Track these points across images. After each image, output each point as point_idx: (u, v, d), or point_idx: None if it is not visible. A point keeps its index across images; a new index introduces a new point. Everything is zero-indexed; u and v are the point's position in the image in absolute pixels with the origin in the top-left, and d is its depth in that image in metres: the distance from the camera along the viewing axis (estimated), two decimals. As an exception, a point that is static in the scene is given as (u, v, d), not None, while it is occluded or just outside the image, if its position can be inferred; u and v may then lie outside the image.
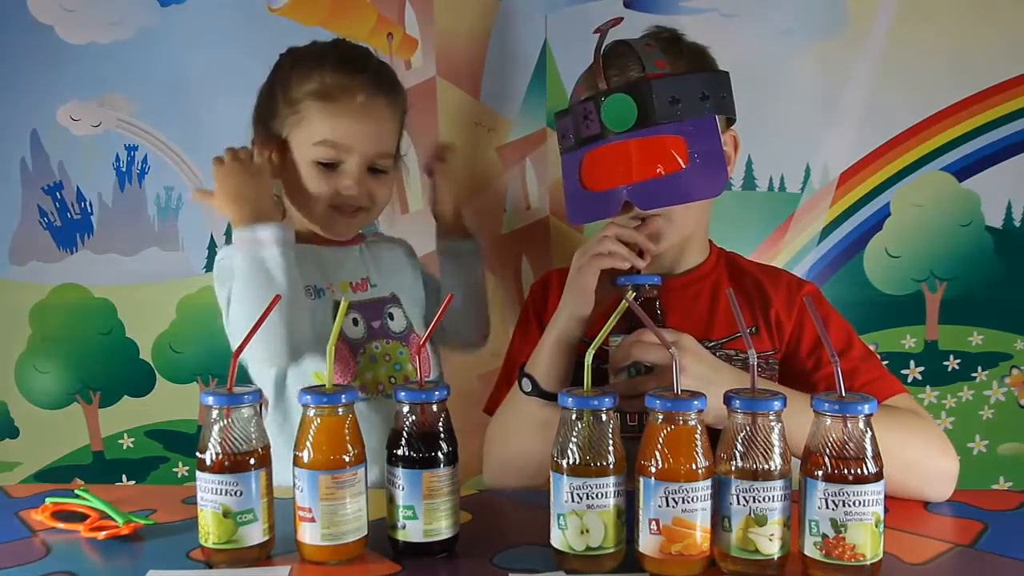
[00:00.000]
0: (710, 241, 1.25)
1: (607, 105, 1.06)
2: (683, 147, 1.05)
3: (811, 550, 0.79)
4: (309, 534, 0.84)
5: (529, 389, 1.06)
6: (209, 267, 1.55)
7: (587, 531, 0.80)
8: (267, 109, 1.23)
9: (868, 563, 0.78)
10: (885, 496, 0.78)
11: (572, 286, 1.07)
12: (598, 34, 1.11)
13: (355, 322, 1.21)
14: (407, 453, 0.85)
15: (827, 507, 0.77)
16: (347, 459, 0.84)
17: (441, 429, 0.86)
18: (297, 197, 1.22)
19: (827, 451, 0.78)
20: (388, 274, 1.30)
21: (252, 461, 0.84)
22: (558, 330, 1.07)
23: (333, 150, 1.17)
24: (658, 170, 1.06)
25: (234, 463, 0.83)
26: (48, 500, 0.99)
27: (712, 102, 1.07)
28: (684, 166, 1.05)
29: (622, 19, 1.12)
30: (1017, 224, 1.50)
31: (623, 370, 0.98)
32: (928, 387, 1.53)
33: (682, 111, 1.05)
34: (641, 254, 1.06)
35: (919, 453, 1.00)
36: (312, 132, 1.17)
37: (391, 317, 1.26)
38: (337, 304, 1.18)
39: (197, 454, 0.85)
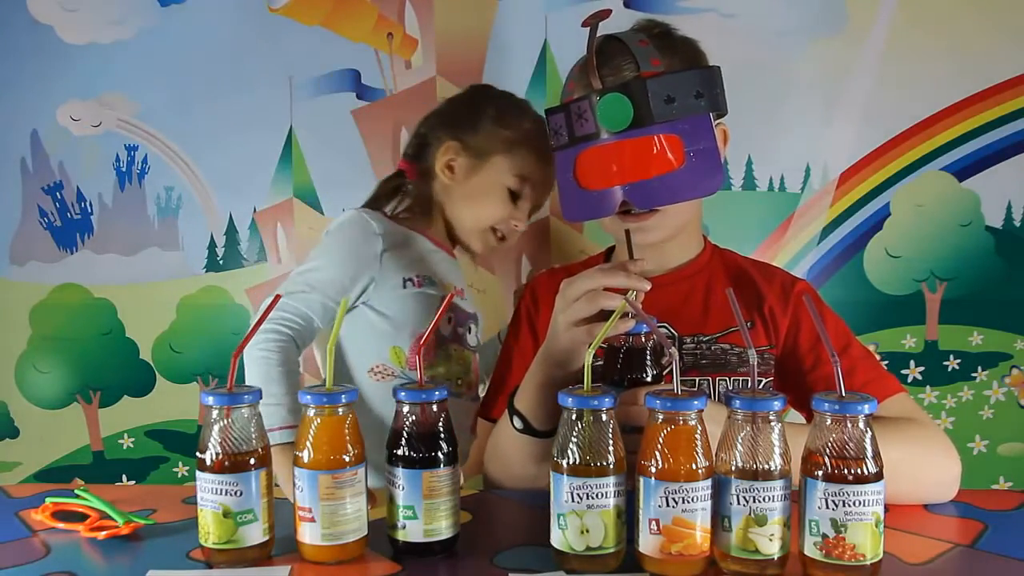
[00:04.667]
0: (704, 237, 1.25)
1: (602, 105, 1.05)
2: (679, 146, 1.04)
3: (811, 550, 0.79)
4: (309, 534, 0.84)
5: (521, 427, 1.05)
6: (209, 267, 1.55)
7: (587, 531, 0.80)
8: (467, 122, 1.29)
9: (868, 563, 0.78)
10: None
11: (558, 344, 0.99)
12: (587, 27, 1.09)
13: (449, 320, 1.28)
14: (407, 453, 0.85)
15: (827, 507, 0.77)
16: (347, 459, 0.84)
17: (441, 429, 0.86)
18: (464, 209, 1.30)
19: (827, 451, 0.78)
20: (474, 297, 1.37)
21: (252, 461, 0.84)
22: (543, 376, 1.02)
23: (526, 185, 1.28)
24: (654, 170, 1.05)
25: (234, 463, 0.83)
26: (48, 500, 0.99)
27: (707, 100, 1.06)
28: (681, 165, 1.05)
29: (611, 12, 1.11)
30: (1017, 224, 1.50)
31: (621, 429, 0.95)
32: (928, 387, 1.53)
33: (677, 110, 1.04)
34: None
35: (924, 464, 1.00)
36: (519, 164, 1.27)
37: (469, 331, 1.31)
38: (442, 299, 1.22)
39: (197, 454, 0.84)
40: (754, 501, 0.78)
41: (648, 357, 0.95)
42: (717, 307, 1.16)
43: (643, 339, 0.95)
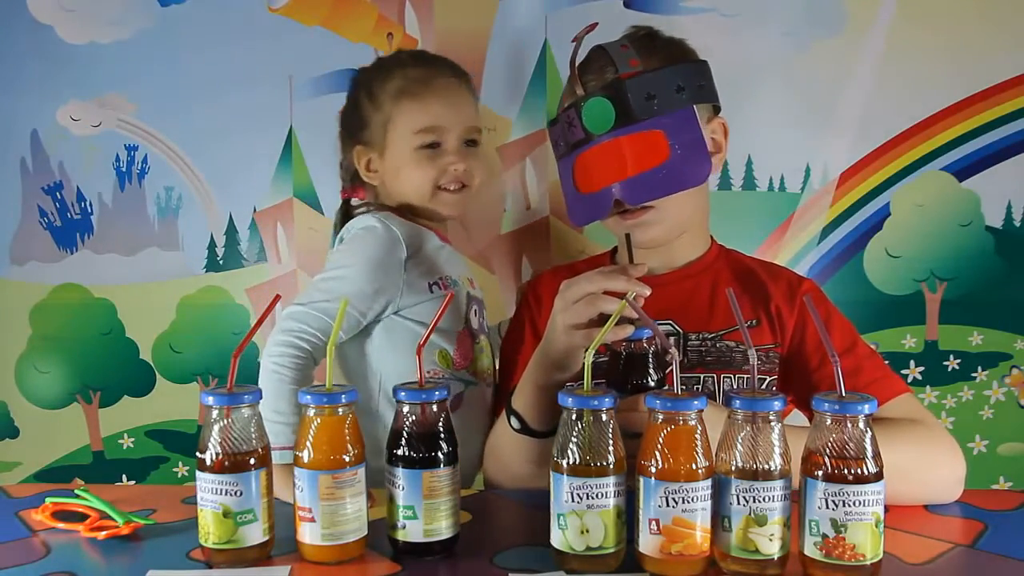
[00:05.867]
0: (711, 237, 1.25)
1: (586, 110, 1.09)
2: (663, 140, 1.07)
3: (811, 550, 0.79)
4: (309, 534, 0.84)
5: (518, 427, 1.06)
6: (209, 267, 1.55)
7: (587, 531, 0.80)
8: (356, 122, 1.30)
9: (868, 563, 0.78)
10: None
11: (556, 346, 0.99)
12: (576, 42, 1.13)
13: (474, 313, 1.28)
14: (407, 453, 0.85)
15: (827, 507, 0.77)
16: (347, 459, 0.84)
17: (441, 429, 0.86)
18: (403, 189, 1.27)
19: (827, 451, 0.78)
20: (477, 282, 1.36)
21: (252, 461, 0.84)
22: (540, 377, 1.02)
23: (433, 133, 1.24)
24: (641, 166, 1.07)
25: (234, 463, 0.83)
26: (48, 500, 0.99)
27: (688, 92, 1.09)
28: (666, 159, 1.07)
29: (596, 24, 1.14)
30: (1017, 224, 1.50)
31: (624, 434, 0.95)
32: (928, 387, 1.53)
33: (659, 105, 1.07)
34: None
35: (930, 465, 1.00)
36: (410, 123, 1.24)
37: (483, 318, 1.32)
38: (468, 296, 1.27)
39: (197, 454, 0.85)
40: (754, 501, 0.78)
41: (651, 362, 0.95)
42: (722, 305, 1.17)
43: (645, 344, 0.95)
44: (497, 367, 1.30)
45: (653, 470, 0.79)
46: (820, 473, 0.78)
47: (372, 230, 1.23)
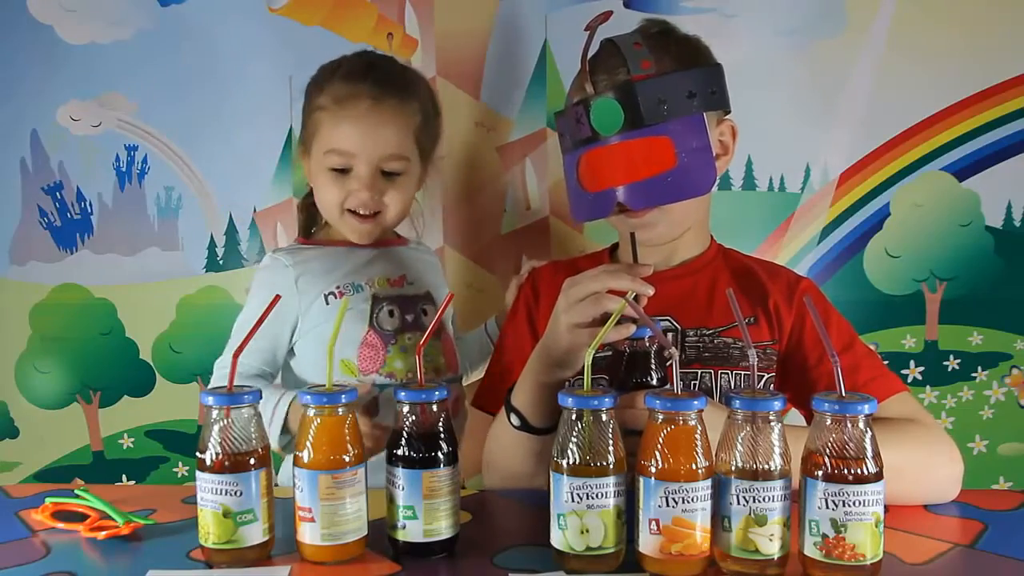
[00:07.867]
0: (711, 236, 1.25)
1: (595, 109, 1.07)
2: (671, 147, 1.06)
3: (811, 550, 0.79)
4: (309, 534, 0.84)
5: (518, 424, 1.06)
6: (209, 267, 1.55)
7: (587, 531, 0.80)
8: (302, 125, 1.31)
9: (868, 563, 0.78)
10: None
11: (559, 344, 0.99)
12: (588, 31, 1.10)
13: (391, 313, 1.27)
14: (407, 453, 0.85)
15: (827, 507, 0.77)
16: (347, 459, 0.84)
17: (441, 429, 0.86)
18: (321, 202, 1.29)
19: (827, 451, 0.78)
20: (424, 276, 1.35)
21: (252, 461, 0.84)
22: (541, 374, 1.02)
23: (340, 157, 1.23)
24: (647, 172, 1.06)
25: (234, 463, 0.83)
26: (48, 500, 0.99)
27: (700, 99, 1.07)
28: (673, 166, 1.06)
29: (611, 13, 1.12)
30: (1017, 224, 1.50)
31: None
32: (928, 387, 1.53)
33: (669, 111, 1.06)
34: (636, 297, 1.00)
35: (927, 465, 1.00)
36: (323, 141, 1.24)
37: (424, 313, 1.30)
38: (374, 297, 1.26)
39: (197, 454, 0.85)
40: (754, 501, 0.78)
41: (652, 360, 0.95)
42: (721, 302, 1.17)
43: (646, 343, 0.95)
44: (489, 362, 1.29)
45: (653, 470, 0.79)
46: (820, 473, 0.78)
47: (262, 269, 1.29)
